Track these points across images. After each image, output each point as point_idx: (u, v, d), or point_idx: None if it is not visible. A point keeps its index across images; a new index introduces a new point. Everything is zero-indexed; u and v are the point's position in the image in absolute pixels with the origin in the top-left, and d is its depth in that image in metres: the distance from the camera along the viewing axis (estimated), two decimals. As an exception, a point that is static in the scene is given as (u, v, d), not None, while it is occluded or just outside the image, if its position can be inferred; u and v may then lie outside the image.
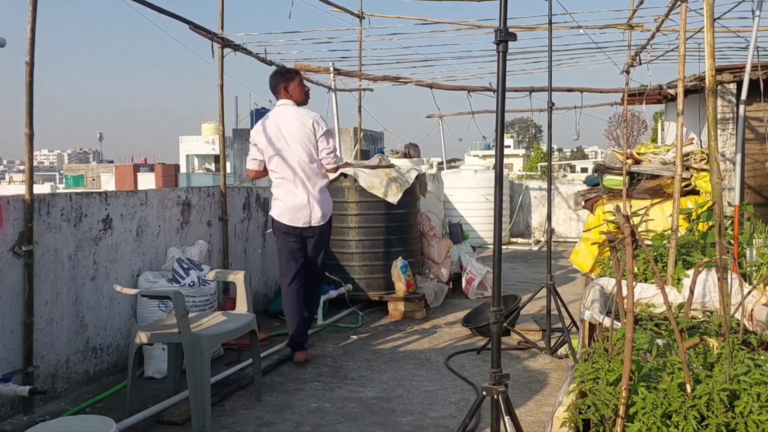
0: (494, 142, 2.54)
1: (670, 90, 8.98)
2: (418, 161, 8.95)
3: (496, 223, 2.48)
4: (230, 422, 3.39)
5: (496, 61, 2.46)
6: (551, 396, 3.72)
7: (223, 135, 5.62)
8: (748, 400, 1.85)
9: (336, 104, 8.52)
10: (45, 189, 26.91)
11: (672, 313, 1.98)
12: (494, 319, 2.48)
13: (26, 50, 3.38)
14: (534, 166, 30.87)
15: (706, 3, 3.17)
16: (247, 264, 5.74)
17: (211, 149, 31.37)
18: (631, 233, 2.06)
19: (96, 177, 40.85)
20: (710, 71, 3.20)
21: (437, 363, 4.38)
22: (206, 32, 5.24)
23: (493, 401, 2.46)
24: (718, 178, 3.23)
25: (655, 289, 3.37)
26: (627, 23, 6.86)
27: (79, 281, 3.83)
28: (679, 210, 3.71)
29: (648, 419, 1.86)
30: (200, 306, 4.14)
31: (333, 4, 8.15)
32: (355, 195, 5.95)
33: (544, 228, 11.76)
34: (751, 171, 8.23)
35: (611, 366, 2.11)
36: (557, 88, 8.88)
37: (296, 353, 4.39)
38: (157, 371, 4.04)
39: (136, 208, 4.28)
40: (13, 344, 3.37)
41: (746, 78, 4.85)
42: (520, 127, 73.13)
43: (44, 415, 3.42)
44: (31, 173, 3.47)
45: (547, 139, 5.02)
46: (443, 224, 8.25)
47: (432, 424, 3.36)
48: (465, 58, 8.69)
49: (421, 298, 5.78)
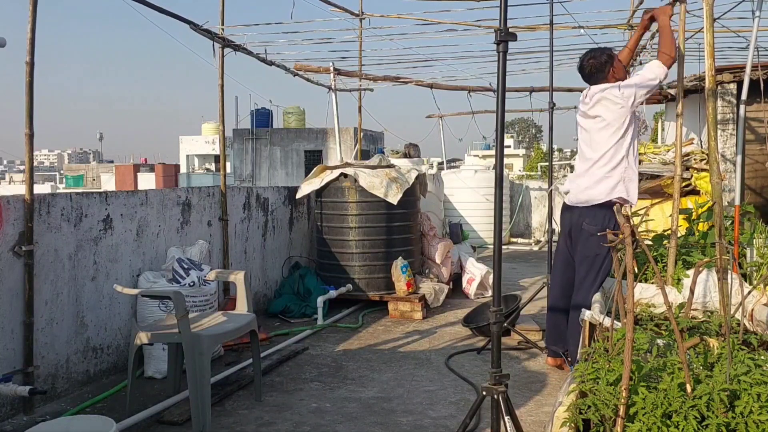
0: (494, 142, 2.54)
1: (670, 90, 8.98)
2: (418, 161, 8.94)
3: (496, 223, 2.48)
4: (230, 422, 3.39)
5: (496, 61, 2.46)
6: (551, 396, 3.72)
7: (224, 135, 5.62)
8: (748, 400, 1.85)
9: (336, 104, 8.53)
10: (45, 189, 26.94)
11: (672, 313, 1.98)
12: (494, 319, 2.49)
13: (26, 50, 3.38)
14: (534, 166, 30.87)
15: (706, 3, 3.17)
16: (247, 264, 5.74)
17: (212, 149, 31.36)
18: (631, 233, 2.06)
19: (96, 177, 40.83)
20: (710, 71, 3.20)
21: (437, 363, 4.38)
22: (207, 32, 5.24)
23: (493, 401, 2.46)
24: (718, 179, 3.23)
25: (655, 289, 3.37)
26: (627, 23, 6.87)
27: (80, 281, 3.83)
28: (679, 210, 3.71)
29: (648, 419, 1.86)
30: (200, 306, 4.14)
31: (333, 4, 8.14)
32: (356, 195, 5.95)
33: (544, 228, 11.77)
34: (751, 171, 8.23)
35: (611, 366, 2.11)
36: (558, 88, 8.87)
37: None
38: (157, 371, 4.04)
39: (136, 208, 4.29)
40: (13, 344, 3.37)
41: (746, 78, 4.85)
42: (520, 127, 73.10)
43: (44, 415, 3.42)
44: (31, 173, 3.47)
45: (548, 139, 5.02)
46: (443, 224, 8.25)
47: (432, 424, 3.36)
48: (465, 58, 8.67)
49: (421, 298, 5.78)
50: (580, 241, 3.94)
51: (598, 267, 3.85)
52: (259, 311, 5.71)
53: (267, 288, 6.09)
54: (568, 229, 4.04)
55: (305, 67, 8.07)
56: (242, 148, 18.89)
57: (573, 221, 3.98)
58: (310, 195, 6.34)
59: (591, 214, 3.87)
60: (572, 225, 3.99)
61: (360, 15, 8.34)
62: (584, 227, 3.87)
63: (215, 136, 29.58)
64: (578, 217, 3.94)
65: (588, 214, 3.88)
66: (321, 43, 7.77)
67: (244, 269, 5.09)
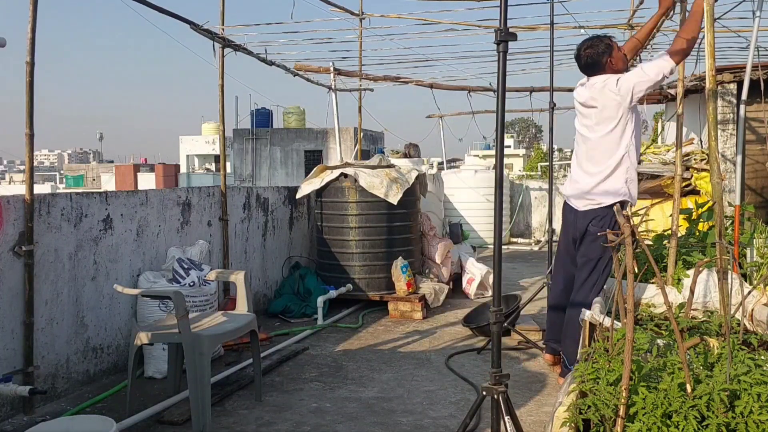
0: (494, 142, 2.54)
1: (671, 90, 8.97)
2: (418, 161, 8.95)
3: (496, 223, 2.48)
4: (230, 422, 3.39)
5: (496, 61, 2.46)
6: (551, 396, 3.72)
7: (224, 135, 5.62)
8: (748, 400, 1.85)
9: (336, 104, 8.53)
10: (45, 189, 26.92)
11: (672, 313, 1.98)
12: (494, 319, 2.49)
13: (26, 50, 3.38)
14: (534, 166, 30.82)
15: (706, 3, 3.17)
16: (247, 264, 5.74)
17: (212, 149, 31.36)
18: (631, 233, 2.06)
19: (96, 177, 40.82)
20: (710, 71, 3.20)
21: (437, 363, 4.38)
22: (207, 32, 5.24)
23: (493, 401, 2.46)
24: (719, 179, 3.22)
25: (655, 289, 3.36)
26: (627, 23, 6.87)
27: (80, 281, 3.83)
28: (679, 210, 3.71)
29: (648, 419, 1.86)
30: (200, 306, 4.14)
31: (333, 4, 8.15)
32: (356, 195, 5.95)
33: (545, 228, 11.77)
34: (751, 172, 8.23)
35: (611, 366, 2.11)
36: (558, 88, 8.84)
37: None
38: (157, 371, 4.04)
39: (136, 208, 4.29)
40: (13, 344, 3.37)
41: (746, 78, 4.85)
42: (520, 127, 73.07)
43: (44, 415, 3.42)
44: (31, 173, 3.47)
45: (548, 139, 5.02)
46: (443, 224, 8.25)
47: (432, 424, 3.36)
48: (465, 58, 8.68)
49: (422, 298, 5.78)
50: (584, 243, 3.85)
51: (600, 270, 3.78)
52: (259, 311, 5.71)
53: (267, 288, 6.09)
54: (572, 230, 3.95)
55: (305, 67, 8.08)
56: (242, 148, 18.90)
57: (578, 223, 3.88)
58: (310, 195, 6.34)
59: (596, 216, 3.77)
60: (576, 227, 3.89)
61: (360, 15, 8.34)
62: (589, 229, 3.78)
63: (215, 136, 29.58)
64: (582, 218, 3.84)
65: (593, 216, 3.79)
66: (321, 43, 7.78)
67: (244, 269, 5.09)
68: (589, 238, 3.79)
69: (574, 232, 3.91)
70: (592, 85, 3.77)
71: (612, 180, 3.73)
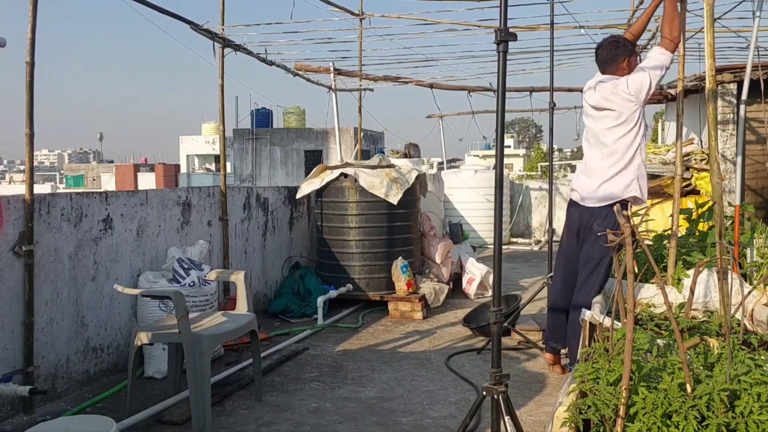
0: (494, 142, 2.54)
1: (671, 90, 8.98)
2: (418, 161, 8.95)
3: (496, 223, 2.48)
4: (230, 422, 3.39)
5: (496, 61, 2.46)
6: (551, 396, 3.72)
7: (224, 135, 5.62)
8: (748, 400, 1.85)
9: (336, 104, 8.53)
10: (45, 189, 26.94)
11: (672, 313, 1.99)
12: (494, 319, 2.49)
13: (26, 50, 3.38)
14: (534, 166, 30.82)
15: (706, 3, 3.17)
16: (247, 264, 5.74)
17: (212, 149, 31.34)
18: (631, 233, 2.06)
19: (96, 177, 40.83)
20: (710, 71, 3.20)
21: (437, 363, 4.38)
22: (207, 32, 5.24)
23: (493, 401, 2.46)
24: (719, 179, 3.23)
25: (655, 289, 3.37)
26: (627, 23, 6.86)
27: (80, 281, 3.83)
28: (679, 210, 3.71)
29: (648, 419, 1.86)
30: (200, 306, 4.14)
31: (333, 4, 8.14)
32: (356, 195, 5.95)
33: (545, 228, 11.77)
34: (751, 172, 8.23)
35: (611, 366, 2.11)
36: (558, 88, 8.87)
37: None
38: (157, 371, 4.04)
39: (136, 208, 4.29)
40: (13, 344, 3.37)
41: (747, 78, 4.85)
42: (520, 127, 73.06)
43: (44, 415, 3.42)
44: (31, 173, 3.47)
45: (549, 139, 5.02)
46: (443, 224, 8.25)
47: (432, 424, 3.36)
48: (465, 58, 8.68)
49: (422, 298, 5.78)
50: (587, 242, 3.85)
51: (602, 269, 3.77)
52: (259, 311, 5.71)
53: (267, 288, 6.09)
54: (576, 227, 3.93)
55: (305, 67, 8.08)
56: (242, 148, 18.89)
57: (583, 221, 3.88)
58: (310, 195, 6.34)
59: (603, 215, 3.77)
60: (581, 224, 3.89)
61: (360, 15, 8.34)
62: (594, 228, 3.77)
63: (215, 136, 29.58)
64: (589, 216, 3.83)
65: (600, 214, 3.78)
66: (321, 43, 7.79)
67: (244, 269, 5.09)
68: (593, 237, 3.79)
69: (579, 229, 3.90)
70: (601, 87, 3.81)
71: (623, 177, 3.73)
